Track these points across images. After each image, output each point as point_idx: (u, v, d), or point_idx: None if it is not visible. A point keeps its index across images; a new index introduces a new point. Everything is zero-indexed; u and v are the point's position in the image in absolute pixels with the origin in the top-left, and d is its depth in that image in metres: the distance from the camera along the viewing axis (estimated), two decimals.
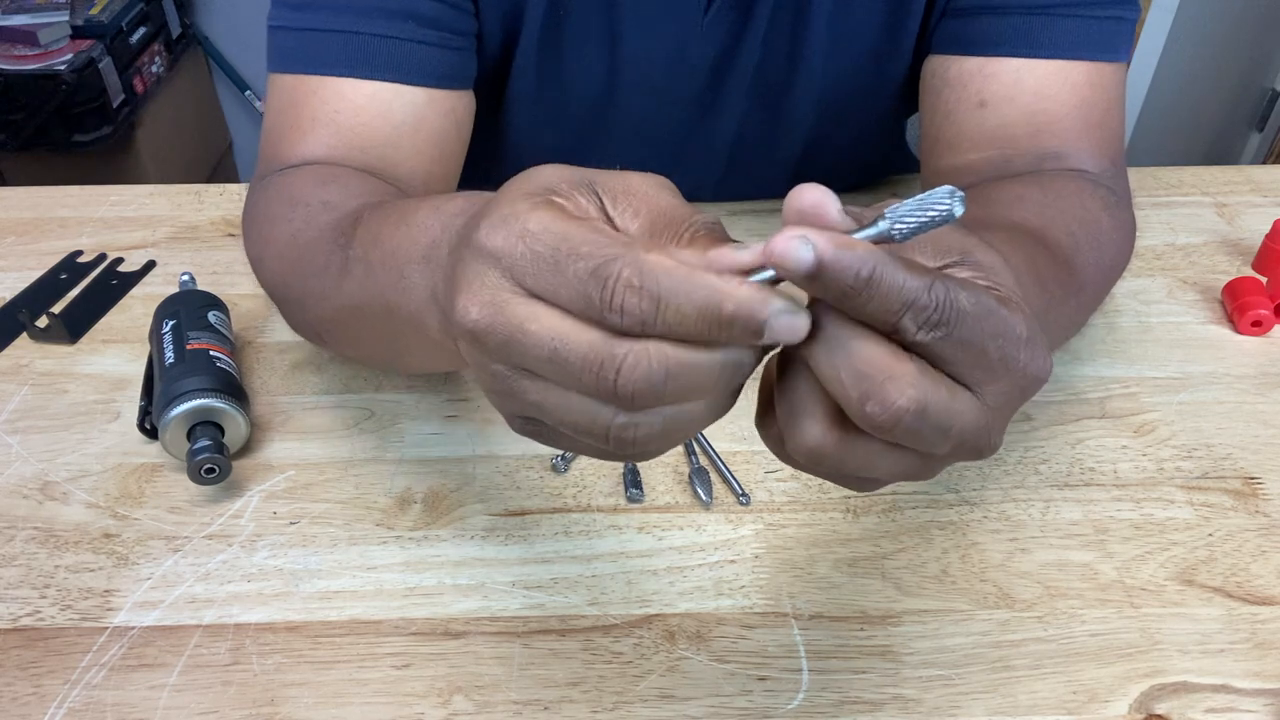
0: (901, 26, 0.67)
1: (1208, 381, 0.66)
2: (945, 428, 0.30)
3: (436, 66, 0.63)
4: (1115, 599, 0.53)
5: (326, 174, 0.59)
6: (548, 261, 0.30)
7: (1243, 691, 0.49)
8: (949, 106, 0.65)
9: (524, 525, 0.56)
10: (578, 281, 0.29)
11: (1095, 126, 0.63)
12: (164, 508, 0.57)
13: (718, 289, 0.29)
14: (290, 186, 0.59)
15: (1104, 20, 0.62)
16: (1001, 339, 0.30)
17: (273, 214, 0.58)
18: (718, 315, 0.29)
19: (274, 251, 0.57)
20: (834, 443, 0.31)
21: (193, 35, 2.20)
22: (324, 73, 0.61)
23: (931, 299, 0.29)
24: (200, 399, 0.56)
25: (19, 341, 0.69)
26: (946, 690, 0.49)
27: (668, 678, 0.49)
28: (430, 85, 0.62)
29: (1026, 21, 0.61)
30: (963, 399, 0.31)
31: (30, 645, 0.50)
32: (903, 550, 0.55)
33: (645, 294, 0.29)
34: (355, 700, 0.48)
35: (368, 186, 0.58)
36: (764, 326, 0.29)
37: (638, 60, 0.69)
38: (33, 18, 1.81)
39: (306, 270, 0.53)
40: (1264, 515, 0.57)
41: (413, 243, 0.41)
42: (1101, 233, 0.58)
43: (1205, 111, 2.04)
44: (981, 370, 0.31)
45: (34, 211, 0.81)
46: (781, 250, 0.28)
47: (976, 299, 0.30)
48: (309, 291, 0.53)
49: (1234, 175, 0.87)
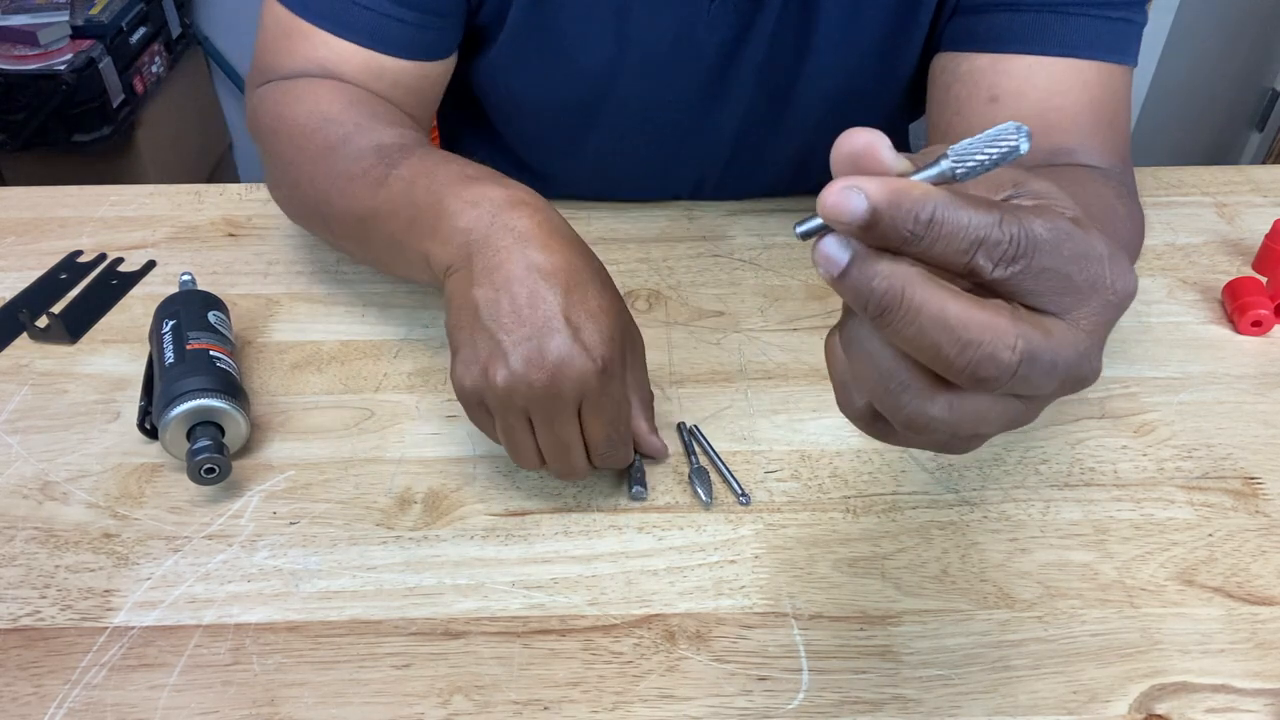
0: (912, 22, 0.67)
1: (1208, 381, 0.66)
2: (1051, 366, 0.29)
3: (413, 42, 0.67)
4: (1115, 599, 0.53)
5: (353, 95, 0.65)
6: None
7: (1243, 691, 0.49)
8: (959, 102, 0.65)
9: (524, 525, 0.56)
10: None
11: (1105, 125, 0.63)
12: (164, 508, 0.57)
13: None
14: (317, 100, 0.64)
15: (1115, 21, 0.62)
16: (1084, 259, 0.29)
17: (300, 121, 0.64)
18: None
19: (307, 156, 0.63)
20: (945, 410, 0.30)
21: (193, 35, 2.20)
22: (313, 21, 0.66)
23: (1004, 233, 0.28)
24: (200, 399, 0.56)
25: (19, 341, 0.69)
26: (946, 690, 0.49)
27: (668, 678, 0.49)
28: (405, 58, 0.67)
29: (1040, 18, 0.61)
30: (1060, 332, 0.29)
31: (30, 645, 0.50)
32: (903, 550, 0.55)
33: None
34: (355, 700, 0.48)
35: (396, 116, 0.65)
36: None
37: (644, 37, 0.69)
38: (33, 18, 1.81)
39: (342, 172, 0.61)
40: (1264, 515, 0.57)
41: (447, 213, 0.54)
42: (1118, 217, 0.58)
43: (1205, 111, 2.04)
44: (1070, 296, 0.29)
45: (34, 211, 0.81)
46: (834, 204, 0.27)
47: (1051, 225, 0.29)
48: (335, 187, 0.61)
49: (1234, 175, 0.86)
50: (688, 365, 0.67)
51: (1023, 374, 0.28)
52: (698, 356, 0.67)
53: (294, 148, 0.65)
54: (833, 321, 0.69)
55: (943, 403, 0.30)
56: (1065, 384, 0.30)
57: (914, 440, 0.32)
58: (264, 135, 0.68)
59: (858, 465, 0.60)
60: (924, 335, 0.28)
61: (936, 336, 0.28)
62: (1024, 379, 0.29)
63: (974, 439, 0.33)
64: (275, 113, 0.67)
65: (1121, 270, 0.30)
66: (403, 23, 0.65)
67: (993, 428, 0.31)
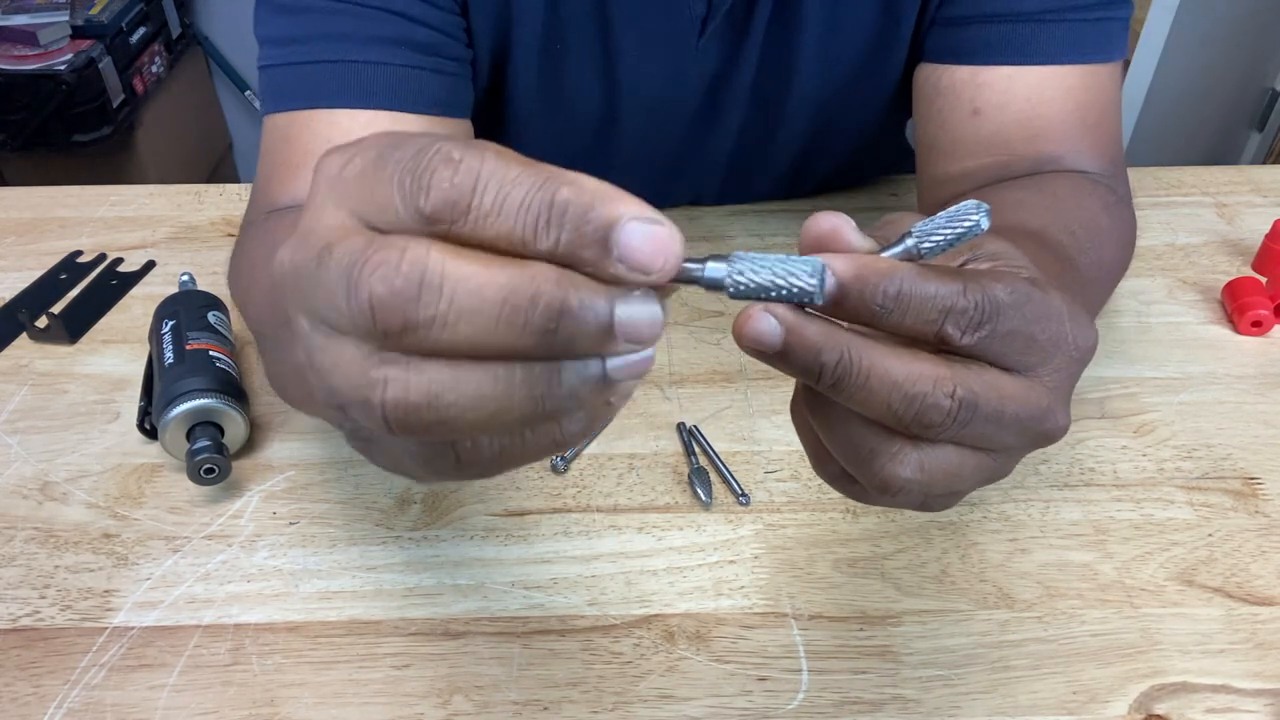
0: (894, 35, 0.67)
1: (1208, 381, 0.66)
2: (998, 414, 0.30)
3: (434, 93, 0.61)
4: (1115, 599, 0.53)
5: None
6: (373, 164, 0.24)
7: (1243, 691, 0.49)
8: (943, 115, 0.65)
9: (524, 525, 0.56)
10: (396, 168, 0.23)
11: (1092, 128, 0.63)
12: (164, 508, 0.57)
13: (560, 174, 0.23)
14: (276, 231, 0.56)
15: (1095, 22, 0.61)
16: (1046, 320, 0.30)
17: (257, 259, 0.56)
18: (547, 200, 0.22)
19: (256, 298, 0.54)
20: (916, 471, 0.30)
21: (193, 35, 2.20)
22: (317, 105, 0.59)
23: (969, 300, 0.28)
24: (200, 399, 0.56)
25: (19, 341, 0.69)
26: (946, 690, 0.49)
27: (667, 678, 0.49)
28: (428, 113, 0.60)
29: (1014, 29, 0.61)
30: (1023, 389, 0.30)
31: (30, 645, 0.50)
32: (902, 550, 0.55)
33: (463, 166, 0.23)
34: (355, 700, 0.48)
35: None
36: (613, 229, 0.23)
37: (635, 83, 0.69)
38: (33, 18, 1.81)
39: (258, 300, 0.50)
40: (1264, 515, 0.57)
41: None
42: (1101, 231, 0.58)
43: (1205, 111, 2.04)
44: (1034, 355, 0.30)
45: (34, 211, 0.81)
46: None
47: (1012, 288, 0.29)
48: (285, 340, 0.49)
49: (1234, 175, 0.86)
50: (687, 365, 0.67)
51: (962, 418, 0.29)
52: (697, 356, 0.67)
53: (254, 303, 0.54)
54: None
55: (913, 463, 0.30)
56: (1031, 438, 0.31)
57: (890, 502, 0.33)
58: (234, 285, 0.60)
59: None
60: (874, 396, 0.29)
61: (886, 395, 0.29)
62: (966, 424, 0.29)
63: (950, 496, 0.33)
64: (249, 255, 0.58)
65: (1081, 327, 0.31)
66: (422, 70, 0.60)
67: (966, 484, 0.32)
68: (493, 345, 0.23)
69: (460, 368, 0.23)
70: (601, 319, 0.23)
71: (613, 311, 0.23)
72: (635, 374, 0.24)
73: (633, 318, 0.23)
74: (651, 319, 0.23)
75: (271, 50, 0.60)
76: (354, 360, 0.24)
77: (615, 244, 0.23)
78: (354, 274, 0.22)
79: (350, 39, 0.58)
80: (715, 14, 0.64)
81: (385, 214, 0.24)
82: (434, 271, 0.22)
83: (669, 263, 0.23)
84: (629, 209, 0.23)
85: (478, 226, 0.23)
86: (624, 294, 0.23)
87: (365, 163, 0.24)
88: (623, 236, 0.23)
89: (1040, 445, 0.32)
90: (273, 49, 0.60)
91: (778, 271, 0.27)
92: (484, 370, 0.23)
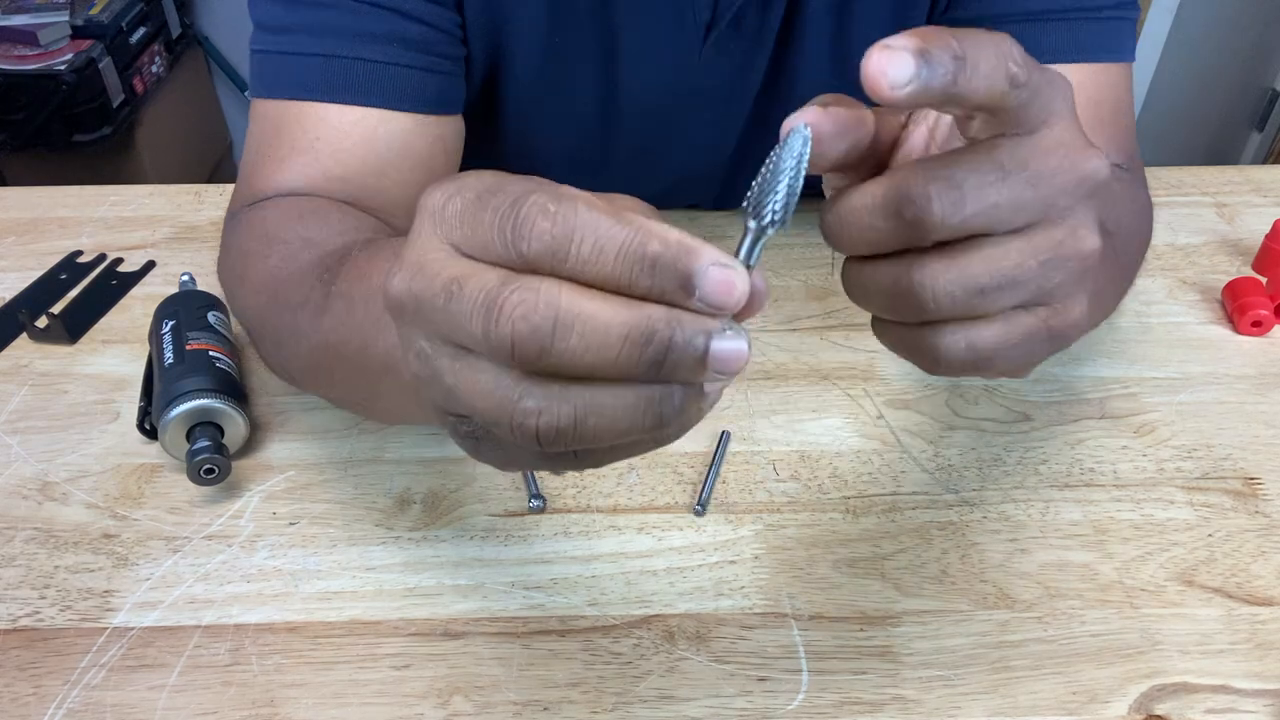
0: None
1: (1208, 382, 0.66)
2: (1020, 202, 0.31)
3: (424, 91, 0.61)
4: (1115, 599, 0.53)
5: (305, 207, 0.58)
6: (473, 205, 0.27)
7: (1243, 692, 0.49)
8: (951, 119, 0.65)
9: (524, 525, 0.56)
10: (495, 215, 0.27)
11: (1106, 124, 0.63)
12: (164, 508, 0.57)
13: (644, 227, 0.26)
14: (266, 222, 0.57)
15: (1104, 21, 0.61)
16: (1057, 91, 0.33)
17: (248, 250, 0.57)
18: (640, 254, 0.26)
19: (251, 288, 0.55)
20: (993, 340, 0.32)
21: (193, 35, 2.20)
22: (305, 98, 0.59)
23: (1015, 49, 0.32)
24: (200, 399, 0.56)
25: (19, 342, 0.69)
26: (946, 691, 0.49)
27: (667, 678, 0.49)
28: (418, 110, 0.60)
29: (1021, 30, 0.61)
30: (1042, 139, 0.32)
31: (30, 646, 0.50)
32: (902, 551, 0.55)
33: (560, 219, 0.26)
34: (355, 701, 0.48)
35: (350, 222, 0.56)
36: (694, 277, 0.26)
37: (636, 89, 0.68)
38: (33, 18, 1.81)
39: (284, 305, 0.52)
40: (1264, 515, 0.57)
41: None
42: (1114, 195, 0.58)
43: (1205, 111, 2.04)
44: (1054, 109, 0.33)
45: (34, 211, 0.81)
46: (876, 66, 0.29)
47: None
48: (284, 326, 0.51)
49: (1234, 175, 0.86)
50: None
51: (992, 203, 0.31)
52: None
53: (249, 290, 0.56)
54: (833, 322, 0.70)
55: (963, 342, 0.33)
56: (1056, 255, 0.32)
57: (967, 371, 0.34)
58: (225, 277, 0.61)
59: (857, 466, 0.60)
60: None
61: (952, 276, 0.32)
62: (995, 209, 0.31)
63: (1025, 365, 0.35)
64: (238, 245, 0.59)
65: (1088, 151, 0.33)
66: (412, 68, 0.60)
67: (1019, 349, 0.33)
68: (609, 371, 0.27)
69: (598, 393, 0.27)
70: (699, 353, 0.27)
71: (709, 346, 0.27)
72: (721, 392, 0.30)
73: (724, 353, 0.27)
74: (738, 355, 0.27)
75: (265, 36, 0.60)
76: (495, 383, 0.27)
77: (696, 287, 0.27)
78: (493, 310, 0.26)
79: (342, 34, 0.58)
80: (720, 21, 0.64)
81: (487, 252, 0.27)
82: (567, 310, 0.26)
83: (739, 300, 0.27)
84: (707, 258, 0.27)
85: (576, 271, 0.26)
86: (720, 332, 0.27)
87: (465, 203, 0.28)
88: (702, 282, 0.26)
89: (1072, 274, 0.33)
90: (266, 35, 0.60)
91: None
92: (617, 394, 0.27)
